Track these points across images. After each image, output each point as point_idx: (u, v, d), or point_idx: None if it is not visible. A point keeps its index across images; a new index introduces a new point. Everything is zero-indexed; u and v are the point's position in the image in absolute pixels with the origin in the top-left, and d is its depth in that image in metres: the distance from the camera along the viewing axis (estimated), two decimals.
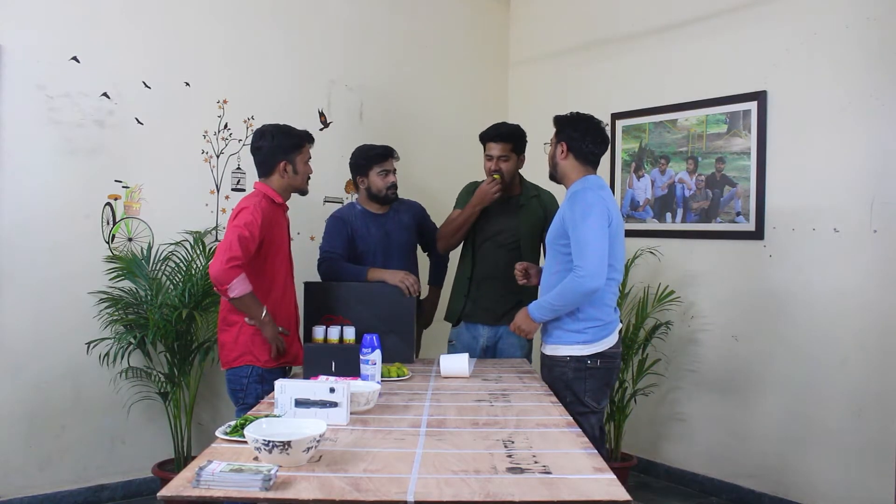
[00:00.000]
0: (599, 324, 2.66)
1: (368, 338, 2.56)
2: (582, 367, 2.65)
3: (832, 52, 3.41)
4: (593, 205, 2.58)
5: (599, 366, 2.66)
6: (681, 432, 4.05)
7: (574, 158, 2.73)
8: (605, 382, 2.72)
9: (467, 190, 3.48)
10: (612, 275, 2.66)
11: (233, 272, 2.59)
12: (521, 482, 1.62)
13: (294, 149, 2.87)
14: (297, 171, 2.89)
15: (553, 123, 2.84)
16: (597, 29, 4.53)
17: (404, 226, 3.42)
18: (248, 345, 2.77)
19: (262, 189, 2.86)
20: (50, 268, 3.50)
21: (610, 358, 2.70)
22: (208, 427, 3.81)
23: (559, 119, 2.81)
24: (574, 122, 2.76)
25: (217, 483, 1.56)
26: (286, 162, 2.85)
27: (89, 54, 3.58)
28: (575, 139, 2.72)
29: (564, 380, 2.67)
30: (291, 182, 2.89)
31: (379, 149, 3.34)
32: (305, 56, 4.25)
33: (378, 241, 3.32)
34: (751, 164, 3.69)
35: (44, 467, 3.49)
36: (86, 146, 3.59)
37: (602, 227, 2.57)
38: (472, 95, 4.95)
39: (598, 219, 2.56)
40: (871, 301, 3.28)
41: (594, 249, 2.54)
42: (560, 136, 2.76)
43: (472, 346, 3.32)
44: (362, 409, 2.22)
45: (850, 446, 3.33)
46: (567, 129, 2.74)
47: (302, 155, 2.90)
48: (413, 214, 3.49)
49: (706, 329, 3.92)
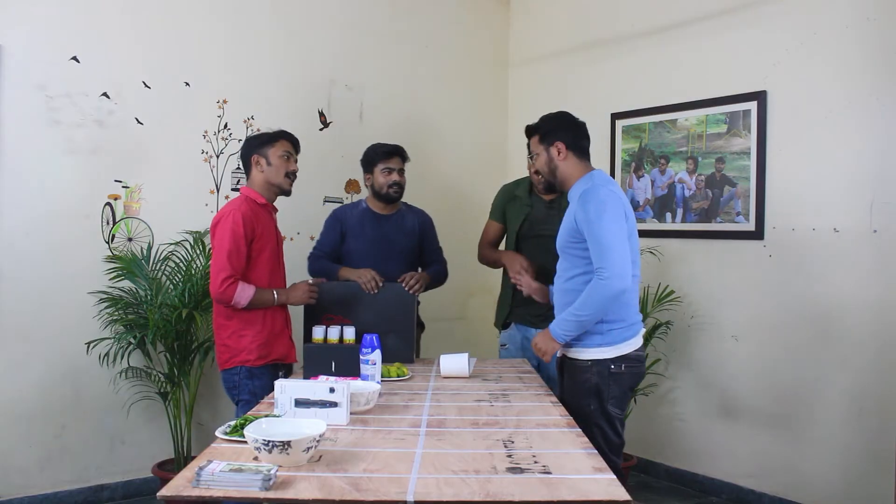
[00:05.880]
0: (623, 325, 2.51)
1: (368, 338, 2.56)
2: (605, 372, 2.49)
3: (832, 52, 3.41)
4: (607, 201, 2.45)
5: (624, 370, 2.51)
6: (681, 432, 4.05)
7: (574, 157, 2.62)
8: (630, 387, 2.59)
9: (502, 195, 3.44)
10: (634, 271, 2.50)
11: (231, 289, 2.72)
12: (521, 482, 1.62)
13: (264, 144, 2.95)
14: (271, 162, 2.93)
15: (532, 132, 2.75)
16: (597, 29, 4.53)
17: (406, 231, 3.38)
18: (235, 346, 2.83)
19: (245, 192, 2.95)
20: (50, 268, 3.50)
21: (635, 362, 2.55)
22: (208, 427, 3.81)
23: (544, 124, 2.69)
24: (559, 120, 2.68)
25: (217, 483, 1.56)
26: (258, 155, 2.93)
27: (89, 54, 3.58)
28: (569, 136, 2.63)
29: (587, 387, 2.52)
30: (268, 176, 2.93)
31: (387, 146, 3.35)
32: (305, 56, 4.25)
33: (373, 242, 3.31)
34: (751, 164, 3.69)
35: (44, 467, 3.49)
36: (86, 146, 3.59)
37: (619, 224, 2.43)
38: (472, 95, 4.95)
39: (614, 214, 2.43)
40: (871, 301, 3.28)
41: (616, 248, 2.39)
42: (550, 138, 2.64)
43: (526, 346, 3.28)
44: (362, 409, 2.22)
45: (850, 446, 3.33)
46: (558, 131, 2.64)
47: (274, 149, 2.94)
48: (419, 223, 3.44)
49: (706, 329, 3.92)
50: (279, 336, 2.91)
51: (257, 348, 2.82)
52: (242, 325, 2.83)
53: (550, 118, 2.71)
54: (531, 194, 3.32)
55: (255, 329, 2.83)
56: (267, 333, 2.85)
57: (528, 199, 3.31)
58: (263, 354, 2.84)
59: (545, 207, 3.28)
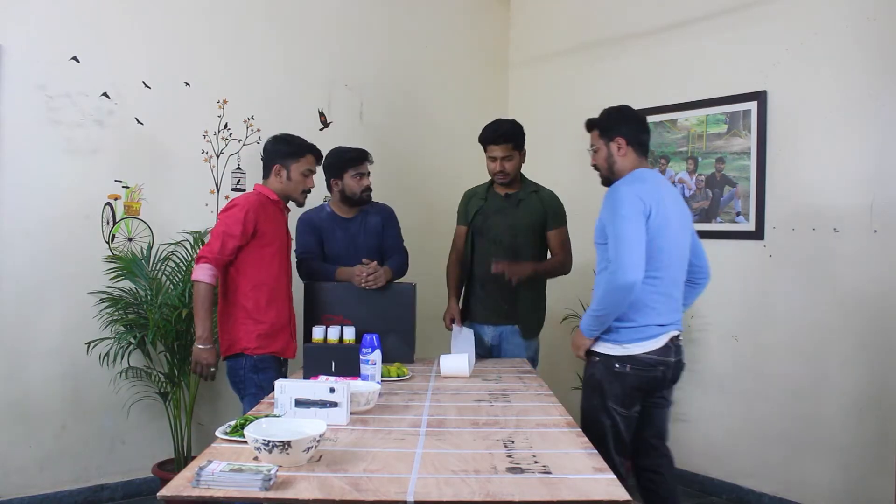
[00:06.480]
0: (633, 325, 2.49)
1: (368, 338, 2.56)
2: (609, 368, 2.51)
3: (832, 52, 3.41)
4: (622, 199, 2.45)
5: (629, 371, 2.49)
6: (681, 432, 4.05)
7: (633, 153, 2.61)
8: (635, 388, 2.53)
9: (463, 198, 3.51)
10: (656, 273, 2.47)
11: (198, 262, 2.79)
12: (521, 482, 1.62)
13: (290, 156, 2.95)
14: (291, 177, 2.95)
15: (592, 125, 2.70)
16: (597, 29, 4.53)
17: (371, 229, 3.37)
18: (235, 334, 2.84)
19: (258, 188, 2.98)
20: (50, 268, 3.50)
21: (644, 365, 2.50)
22: (208, 427, 3.81)
23: (605, 118, 2.67)
24: (623, 114, 2.65)
25: (217, 483, 1.56)
26: (280, 166, 2.94)
27: (89, 54, 3.58)
28: (632, 131, 2.61)
29: (592, 381, 2.56)
30: (285, 188, 2.96)
31: (354, 152, 3.32)
32: (305, 56, 4.25)
33: (344, 246, 3.30)
34: (751, 164, 3.69)
35: (44, 467, 3.49)
36: (86, 146, 3.59)
37: (635, 220, 2.41)
38: (472, 95, 4.95)
39: (630, 211, 2.42)
40: (871, 301, 3.28)
41: (625, 243, 2.39)
42: (612, 133, 2.61)
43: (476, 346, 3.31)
44: (362, 409, 2.22)
45: (850, 446, 3.33)
46: (620, 125, 2.62)
47: (298, 164, 2.95)
48: (382, 219, 3.41)
49: (706, 329, 3.91)
50: (281, 331, 2.91)
51: (256, 338, 2.83)
52: (244, 315, 2.84)
53: (612, 112, 2.68)
54: (489, 190, 3.42)
55: (256, 320, 2.84)
56: (268, 325, 2.85)
57: (484, 195, 3.42)
58: (262, 345, 2.84)
59: (500, 200, 3.36)
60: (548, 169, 4.01)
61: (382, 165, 3.77)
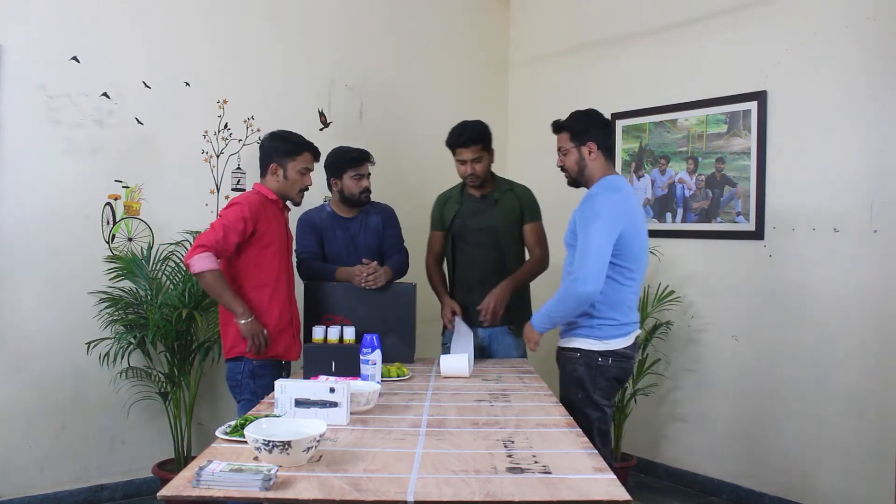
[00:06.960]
0: (615, 323, 2.60)
1: (368, 338, 2.56)
2: (593, 363, 2.60)
3: (832, 52, 3.41)
4: (600, 211, 2.52)
5: (611, 364, 2.61)
6: (681, 432, 4.05)
7: (602, 157, 2.66)
8: (616, 379, 2.66)
9: (436, 203, 3.49)
10: (632, 275, 2.60)
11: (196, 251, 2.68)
12: (521, 482, 1.62)
13: (287, 154, 2.93)
14: (287, 177, 2.93)
15: (562, 128, 2.72)
16: (597, 29, 4.53)
17: (371, 229, 3.36)
18: (238, 335, 2.81)
19: (257, 187, 2.97)
20: (50, 268, 3.50)
21: (622, 358, 2.64)
22: (208, 427, 3.81)
23: (576, 122, 2.69)
24: (593, 119, 2.68)
25: (217, 483, 1.56)
26: (276, 165, 2.93)
27: (89, 54, 3.58)
28: (602, 136, 2.65)
29: (575, 376, 2.63)
30: (282, 187, 2.94)
31: (354, 152, 3.31)
32: (305, 56, 4.26)
33: (344, 246, 3.30)
34: (751, 164, 3.69)
35: (44, 467, 3.49)
36: (86, 146, 3.59)
37: (606, 234, 2.50)
38: (472, 95, 4.94)
39: (604, 224, 2.50)
40: (871, 301, 3.28)
41: (592, 255, 2.47)
42: (584, 137, 2.65)
43: None
44: (362, 409, 2.22)
45: (850, 446, 3.33)
46: (591, 130, 2.65)
47: (295, 163, 2.93)
48: (382, 218, 3.41)
49: (706, 329, 3.92)
50: (282, 332, 2.90)
51: None
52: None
53: (582, 116, 2.71)
54: (462, 192, 3.41)
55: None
56: (270, 327, 2.84)
57: (458, 198, 3.41)
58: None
59: (476, 202, 3.36)
60: (548, 169, 4.00)
61: (382, 165, 3.76)
